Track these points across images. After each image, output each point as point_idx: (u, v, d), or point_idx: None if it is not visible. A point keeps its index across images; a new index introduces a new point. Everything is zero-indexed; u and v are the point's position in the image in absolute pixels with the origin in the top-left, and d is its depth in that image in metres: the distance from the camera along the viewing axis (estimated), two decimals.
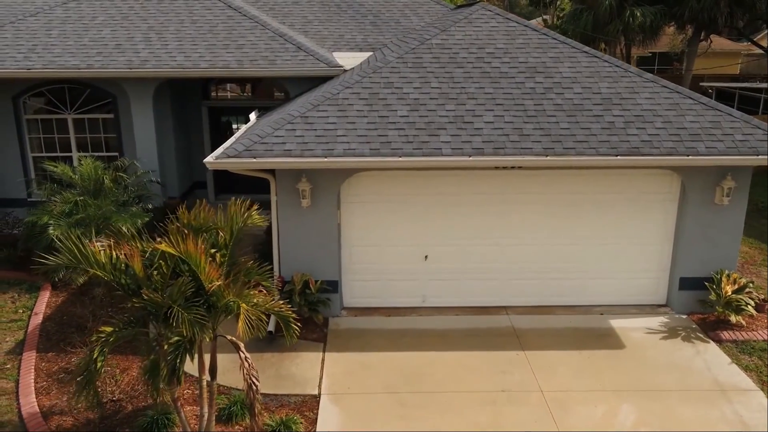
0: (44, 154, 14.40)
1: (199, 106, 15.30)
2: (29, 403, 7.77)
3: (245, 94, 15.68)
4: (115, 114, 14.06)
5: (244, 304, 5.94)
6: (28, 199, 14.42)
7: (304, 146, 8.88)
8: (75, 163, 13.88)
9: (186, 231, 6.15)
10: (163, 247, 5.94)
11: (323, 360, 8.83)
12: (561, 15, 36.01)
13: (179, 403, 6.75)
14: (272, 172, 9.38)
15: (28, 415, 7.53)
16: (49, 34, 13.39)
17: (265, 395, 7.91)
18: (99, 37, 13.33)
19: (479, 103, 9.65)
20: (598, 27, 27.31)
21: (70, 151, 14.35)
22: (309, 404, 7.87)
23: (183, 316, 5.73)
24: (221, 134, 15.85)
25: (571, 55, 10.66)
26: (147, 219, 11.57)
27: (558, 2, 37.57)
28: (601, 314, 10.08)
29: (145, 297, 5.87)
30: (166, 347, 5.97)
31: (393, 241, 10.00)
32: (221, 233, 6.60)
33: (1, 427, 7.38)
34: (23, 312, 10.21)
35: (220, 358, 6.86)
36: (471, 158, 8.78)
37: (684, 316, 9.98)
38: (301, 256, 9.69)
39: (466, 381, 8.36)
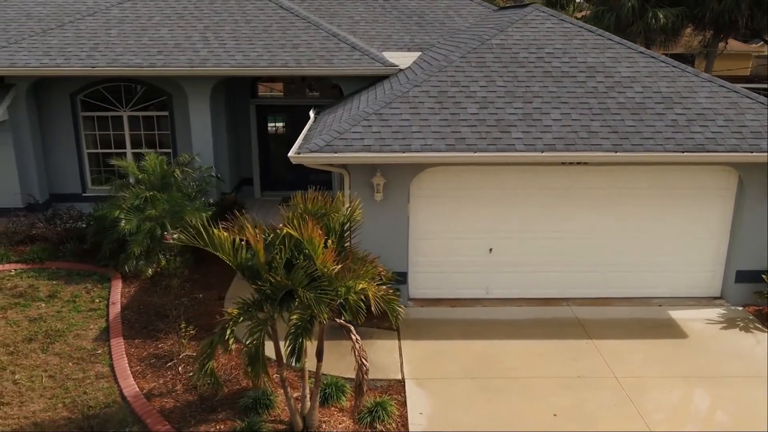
0: (99, 151, 14.79)
1: (247, 105, 15.66)
2: (129, 386, 8.12)
3: (293, 93, 15.99)
4: (170, 111, 14.44)
5: (372, 288, 6.29)
6: (83, 194, 14.80)
7: (382, 142, 9.23)
8: (129, 158, 14.27)
9: (306, 216, 6.46)
10: (289, 230, 6.26)
11: (400, 347, 9.18)
12: (578, 17, 36.35)
13: (286, 384, 7.09)
14: (346, 166, 9.70)
15: (132, 397, 7.89)
16: (109, 33, 13.75)
17: (350, 379, 8.24)
18: (158, 36, 13.69)
19: (545, 101, 10.00)
20: (620, 28, 27.64)
21: (124, 148, 14.71)
22: (395, 388, 8.22)
23: (309, 297, 6.07)
24: (267, 132, 16.24)
25: (628, 55, 11.01)
26: (211, 213, 11.96)
27: (574, 4, 37.89)
28: (660, 306, 10.42)
29: (272, 280, 6.21)
30: (289, 327, 6.30)
31: (458, 234, 10.35)
32: (332, 221, 6.91)
33: (108, 407, 7.73)
34: (99, 301, 10.56)
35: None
36: (543, 154, 9.14)
37: (740, 308, 10.32)
38: (372, 248, 9.96)
39: (540, 367, 8.71)
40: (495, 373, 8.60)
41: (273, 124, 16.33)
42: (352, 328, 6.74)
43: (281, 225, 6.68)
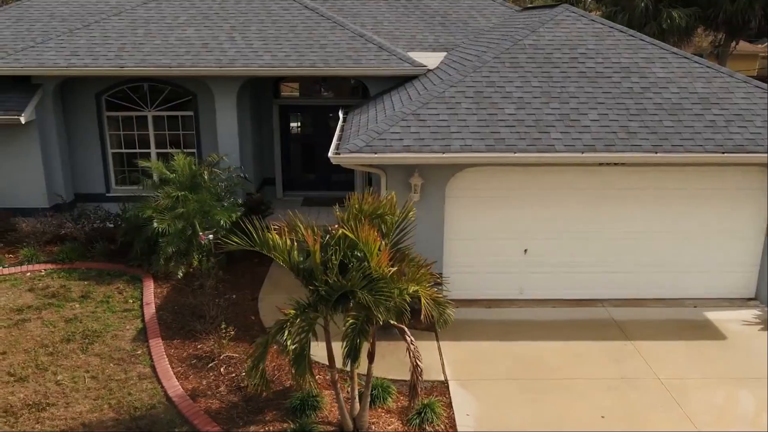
0: (123, 151, 14.79)
1: (270, 105, 15.64)
2: (173, 387, 8.11)
3: (315, 93, 15.96)
4: (194, 111, 14.43)
5: (424, 292, 6.27)
6: (107, 194, 14.80)
7: (421, 142, 9.21)
8: (153, 158, 14.26)
9: (362, 218, 6.44)
10: (346, 232, 6.24)
11: (439, 348, 9.16)
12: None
13: (338, 386, 7.07)
14: (383, 167, 9.68)
15: (177, 398, 7.87)
16: (135, 33, 13.74)
17: (394, 380, 8.26)
18: (184, 36, 13.67)
19: (582, 102, 9.98)
20: (633, 29, 27.61)
21: (149, 148, 14.71)
22: (439, 389, 8.20)
23: (368, 298, 6.05)
24: (290, 132, 16.22)
25: (661, 56, 10.99)
26: (240, 213, 11.94)
27: (584, 4, 37.85)
28: (695, 306, 10.40)
29: (330, 281, 6.19)
30: (346, 329, 6.28)
31: (492, 235, 10.33)
32: (385, 223, 6.88)
33: (154, 408, 7.71)
34: (133, 302, 10.54)
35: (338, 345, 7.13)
36: (584, 155, 9.12)
37: None
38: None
39: (582, 368, 8.69)
40: (537, 374, 8.58)
41: (295, 124, 16.32)
42: (407, 330, 6.71)
43: (335, 226, 6.66)
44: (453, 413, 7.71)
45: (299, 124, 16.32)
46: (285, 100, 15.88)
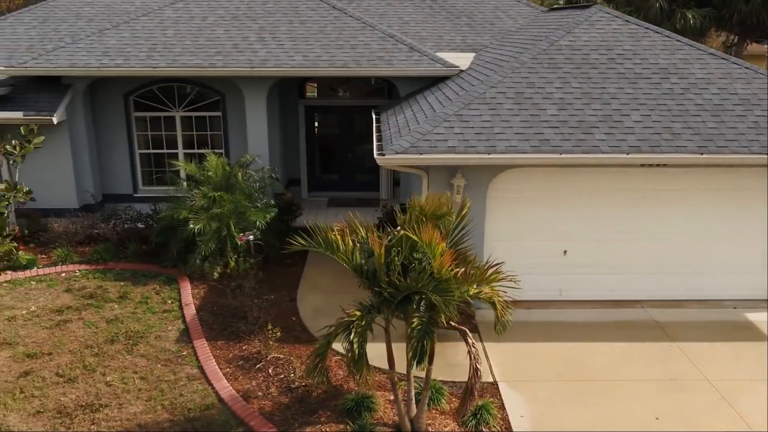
0: (151, 151, 14.80)
1: (296, 105, 15.64)
2: (224, 388, 8.09)
3: (339, 93, 15.97)
4: (222, 112, 14.43)
5: (496, 294, 6.27)
6: (134, 195, 14.80)
7: (466, 143, 9.21)
8: (181, 159, 14.28)
9: (424, 218, 6.43)
10: (409, 233, 6.23)
11: (484, 349, 9.15)
12: None
13: (397, 387, 7.06)
14: (426, 167, 9.67)
15: (229, 399, 7.86)
16: (165, 33, 13.73)
17: (444, 382, 8.24)
18: (214, 36, 13.67)
19: (623, 103, 9.98)
20: None
21: (176, 148, 14.71)
22: (489, 391, 8.19)
23: (437, 300, 6.05)
24: (315, 132, 16.21)
25: (698, 56, 10.98)
26: (273, 213, 11.95)
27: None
28: (734, 308, 10.39)
29: (397, 282, 6.18)
30: (411, 330, 6.28)
31: (532, 236, 10.32)
32: (446, 224, 6.87)
33: (207, 410, 7.70)
34: (171, 303, 10.54)
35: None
36: (629, 156, 9.11)
37: None
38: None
39: (629, 370, 8.68)
40: (584, 375, 8.57)
41: (320, 125, 16.31)
42: (468, 332, 6.71)
43: (398, 227, 6.65)
44: (507, 415, 7.70)
45: (324, 124, 16.32)
46: (310, 101, 15.89)
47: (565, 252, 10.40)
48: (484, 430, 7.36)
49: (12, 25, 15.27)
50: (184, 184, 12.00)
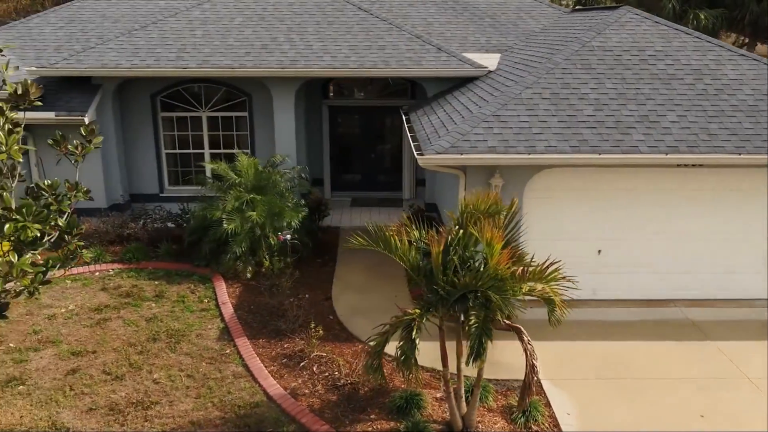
0: (177, 151, 14.87)
1: (319, 106, 15.71)
2: (271, 385, 8.17)
3: (361, 94, 16.04)
4: (249, 112, 14.51)
5: (555, 293, 6.34)
6: (160, 194, 14.88)
7: (506, 143, 9.29)
8: (207, 159, 14.37)
9: (481, 216, 6.51)
10: (473, 232, 6.31)
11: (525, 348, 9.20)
12: None
13: (450, 384, 7.14)
14: (464, 167, 9.75)
15: (278, 396, 7.93)
16: (194, 34, 13.81)
17: (488, 380, 8.31)
18: (242, 37, 13.75)
19: (659, 103, 10.06)
20: None
21: (202, 148, 14.79)
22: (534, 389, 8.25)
23: (497, 298, 6.13)
24: (338, 133, 16.29)
25: (730, 57, 11.06)
26: (305, 213, 12.03)
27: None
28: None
29: (457, 281, 6.26)
30: (469, 328, 6.35)
31: (567, 235, 10.38)
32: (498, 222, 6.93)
33: (257, 407, 7.77)
34: (208, 301, 10.61)
35: (431, 345, 7.24)
36: (668, 156, 9.20)
37: None
38: None
39: (669, 368, 8.76)
40: (625, 373, 8.65)
41: (343, 125, 16.39)
42: (524, 330, 6.79)
43: (452, 227, 6.73)
44: (553, 412, 7.78)
45: (347, 125, 16.40)
46: (333, 101, 15.96)
47: (599, 251, 10.47)
48: (533, 427, 7.44)
49: (39, 25, 15.36)
50: (216, 184, 12.04)
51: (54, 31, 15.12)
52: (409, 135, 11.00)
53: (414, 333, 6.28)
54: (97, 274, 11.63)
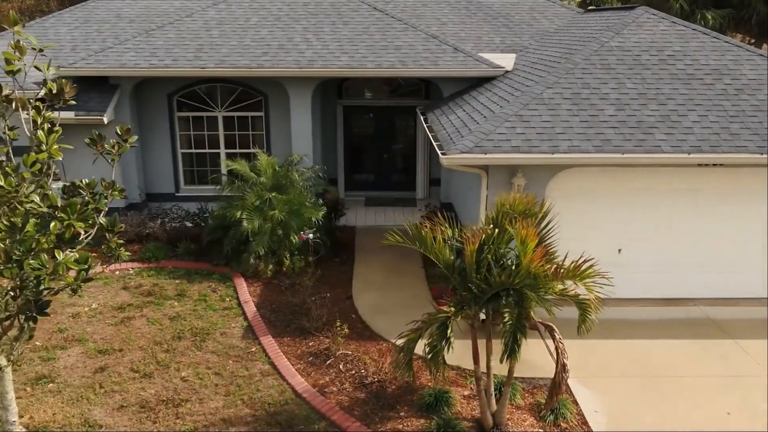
0: (193, 151, 14.92)
1: (334, 106, 15.77)
2: (299, 383, 8.22)
3: (373, 94, 16.08)
4: (265, 112, 14.56)
5: (591, 290, 6.41)
6: (176, 194, 14.93)
7: (529, 143, 9.34)
8: (222, 158, 14.43)
9: (517, 216, 6.57)
10: (510, 230, 6.37)
11: (547, 346, 9.24)
12: None
13: (481, 382, 7.19)
14: (486, 167, 9.78)
15: (307, 394, 7.98)
16: (211, 34, 13.87)
17: (514, 378, 8.35)
18: (259, 37, 13.80)
19: (679, 103, 10.11)
20: None
21: (218, 148, 14.84)
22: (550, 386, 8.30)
23: (533, 296, 6.19)
24: (352, 133, 16.35)
25: (748, 57, 11.12)
26: (324, 212, 12.08)
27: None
28: None
29: (492, 279, 6.31)
30: (504, 326, 6.41)
31: (587, 234, 10.37)
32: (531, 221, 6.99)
33: (286, 404, 7.82)
34: (230, 300, 10.67)
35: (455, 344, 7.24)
36: (690, 155, 9.25)
37: None
38: None
39: (693, 366, 8.81)
40: (650, 371, 8.70)
41: (357, 125, 16.44)
42: (556, 328, 6.84)
43: (487, 226, 6.78)
44: (581, 410, 7.84)
45: (360, 124, 16.45)
46: (348, 101, 16.00)
47: (619, 251, 10.52)
48: (562, 424, 7.49)
49: (54, 25, 15.41)
50: (236, 183, 12.08)
51: (70, 31, 15.17)
52: (429, 134, 11.05)
53: (449, 330, 6.33)
54: (117, 273, 11.68)
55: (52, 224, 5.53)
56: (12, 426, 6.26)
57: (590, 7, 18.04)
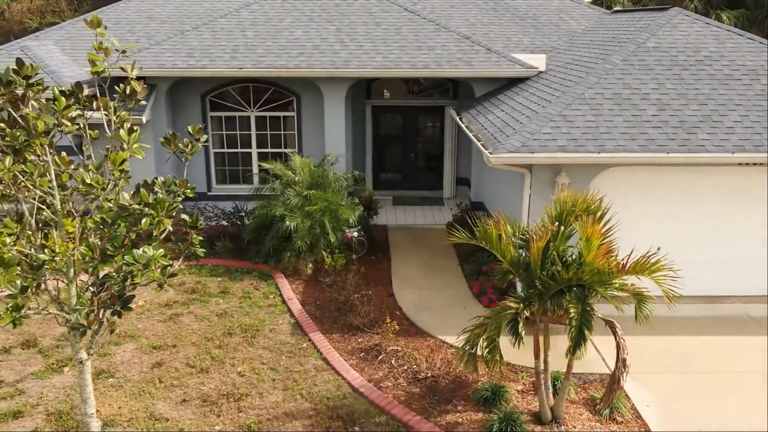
0: (225, 150, 15.07)
1: (363, 106, 15.91)
2: (355, 378, 8.37)
3: (405, 94, 16.22)
4: (297, 112, 14.71)
5: (661, 284, 6.56)
6: (208, 193, 15.08)
7: (575, 142, 9.49)
8: (254, 158, 14.61)
9: (580, 213, 6.71)
10: (577, 227, 6.51)
11: (593, 343, 9.40)
12: None
13: (541, 377, 7.33)
14: (529, 166, 9.93)
15: (364, 389, 8.13)
16: (245, 35, 14.02)
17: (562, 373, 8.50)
18: (293, 38, 13.95)
19: (719, 103, 10.25)
20: None
21: (249, 148, 14.99)
22: (607, 382, 8.44)
23: (601, 291, 6.33)
24: (380, 132, 16.50)
25: None
26: (361, 211, 12.24)
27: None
28: None
29: (559, 275, 6.46)
30: (570, 321, 6.56)
31: (627, 232, 10.49)
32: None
33: (344, 399, 7.97)
34: (273, 297, 10.82)
35: (504, 339, 7.36)
36: (734, 155, 9.39)
37: None
38: None
39: (737, 362, 8.96)
40: (695, 367, 8.85)
41: (385, 125, 16.58)
42: (617, 324, 6.99)
43: (552, 224, 6.92)
44: (634, 404, 7.98)
45: (388, 124, 16.60)
46: (376, 101, 16.15)
47: (658, 249, 10.62)
48: (618, 418, 7.64)
49: (86, 27, 15.51)
50: (274, 182, 12.23)
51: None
52: (470, 134, 11.19)
53: (520, 326, 6.48)
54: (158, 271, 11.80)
55: (144, 220, 5.69)
56: (90, 419, 6.41)
57: (616, 8, 18.18)
